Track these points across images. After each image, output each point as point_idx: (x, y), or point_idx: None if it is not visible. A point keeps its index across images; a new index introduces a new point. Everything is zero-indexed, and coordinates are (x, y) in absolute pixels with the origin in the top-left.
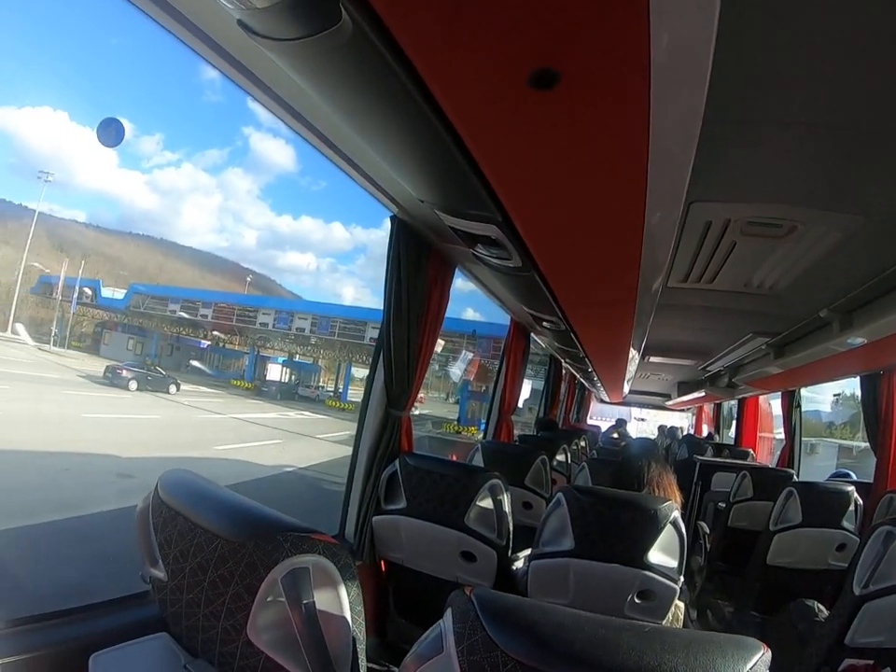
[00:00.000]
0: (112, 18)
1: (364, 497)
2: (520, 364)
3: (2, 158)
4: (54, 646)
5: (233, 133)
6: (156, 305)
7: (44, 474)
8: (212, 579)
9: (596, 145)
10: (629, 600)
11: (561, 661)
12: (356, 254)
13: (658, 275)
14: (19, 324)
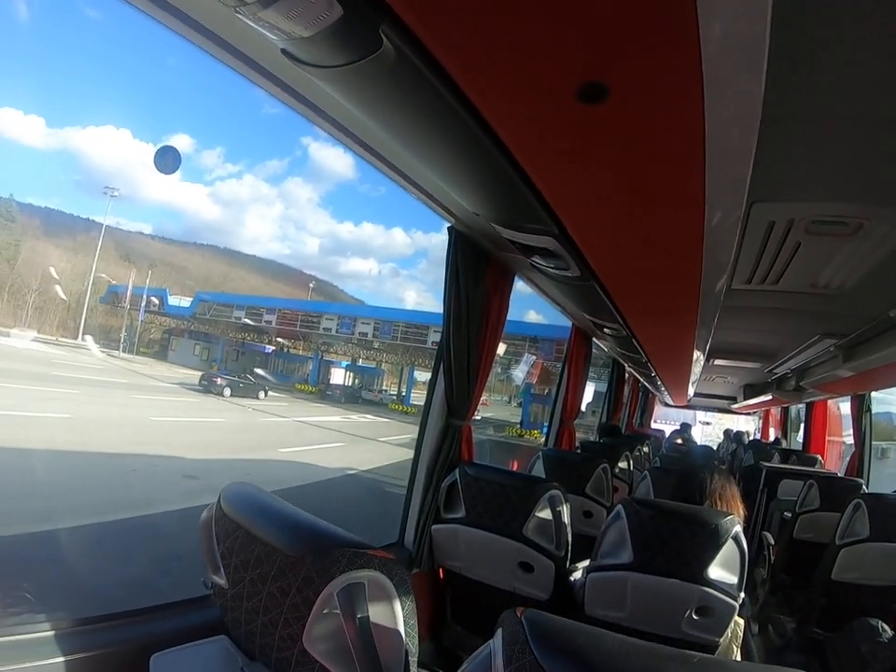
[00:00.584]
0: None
1: (424, 505)
2: (581, 370)
3: (70, 175)
4: (117, 645)
5: (292, 143)
6: (221, 312)
7: (113, 474)
8: (270, 590)
9: (651, 153)
10: (687, 616)
11: None
12: (417, 258)
13: (721, 278)
14: (88, 335)
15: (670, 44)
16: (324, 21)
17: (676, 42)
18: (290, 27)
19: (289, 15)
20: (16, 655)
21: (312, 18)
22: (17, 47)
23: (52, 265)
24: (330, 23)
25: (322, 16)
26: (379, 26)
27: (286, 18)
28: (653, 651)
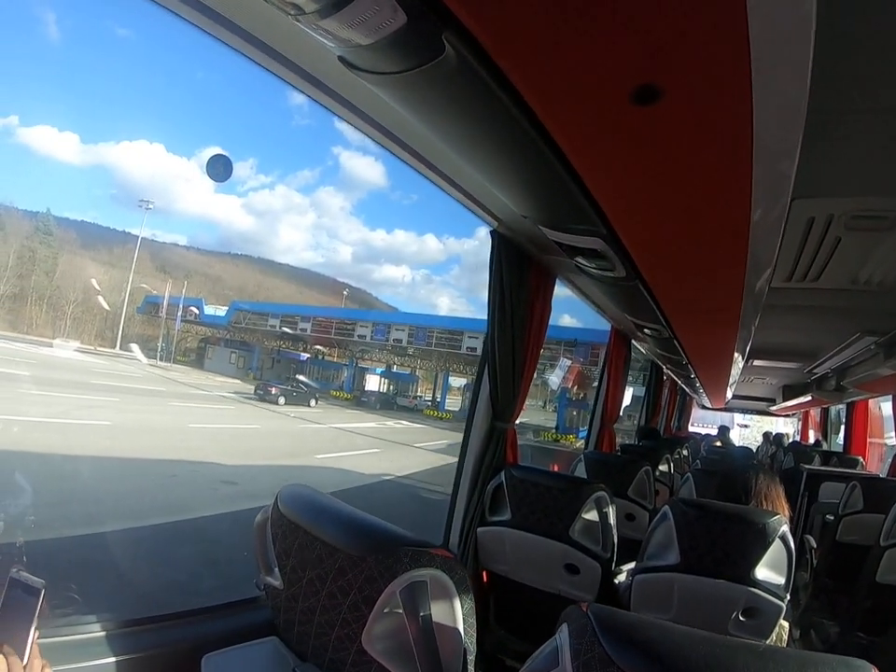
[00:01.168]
0: (199, 52)
1: (469, 508)
2: (621, 372)
3: (105, 190)
4: (168, 646)
5: (324, 153)
6: (256, 321)
7: (152, 480)
8: (330, 590)
9: (700, 152)
10: (734, 618)
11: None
12: (450, 264)
13: (763, 276)
14: (133, 344)
15: (720, 44)
16: (387, 27)
17: (725, 42)
18: (351, 35)
19: (352, 23)
20: (70, 655)
21: (375, 25)
22: (50, 66)
23: (90, 277)
24: (394, 30)
25: (386, 23)
26: (442, 33)
27: (348, 26)
28: (721, 641)
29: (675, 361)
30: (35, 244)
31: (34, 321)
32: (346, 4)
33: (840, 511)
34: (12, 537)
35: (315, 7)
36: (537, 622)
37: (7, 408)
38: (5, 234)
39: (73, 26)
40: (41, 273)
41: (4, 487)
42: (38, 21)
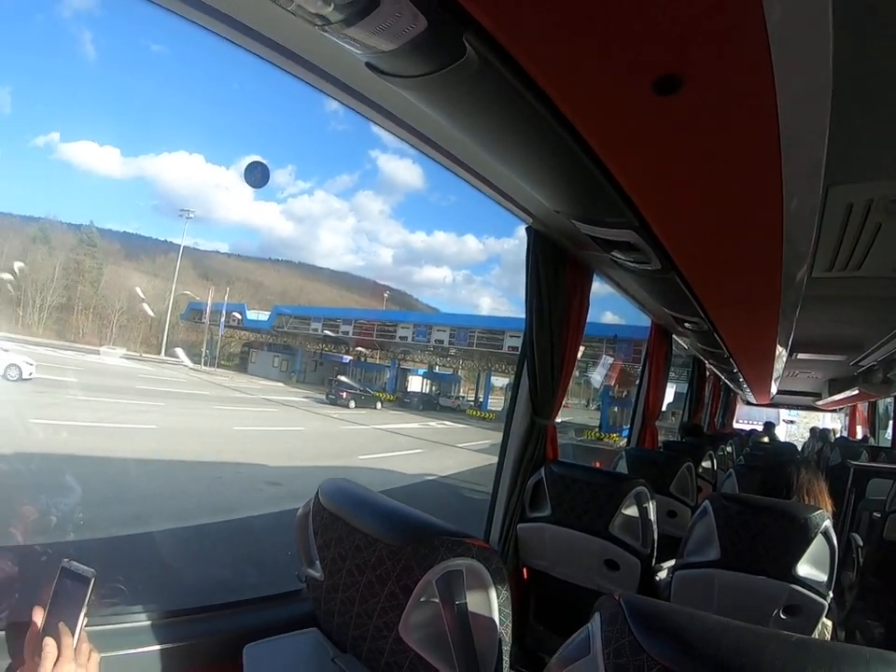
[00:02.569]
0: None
1: (509, 504)
2: (662, 367)
3: (147, 201)
4: (210, 636)
5: (361, 157)
6: (298, 325)
7: (198, 481)
8: (368, 579)
9: (726, 141)
10: (775, 615)
11: (705, 667)
12: (490, 264)
13: (801, 266)
14: (178, 349)
15: (737, 29)
16: (409, 33)
17: (742, 27)
18: (376, 41)
19: (375, 30)
20: (116, 642)
21: (397, 31)
22: (88, 83)
23: (134, 286)
24: (415, 35)
25: (407, 29)
26: (463, 35)
27: (371, 33)
28: (752, 630)
29: (717, 356)
30: (79, 255)
31: (80, 330)
32: (369, 12)
33: (887, 507)
34: (64, 535)
35: (339, 17)
36: (576, 618)
37: (56, 413)
38: (50, 247)
39: (108, 44)
40: (86, 283)
41: (55, 489)
42: (75, 40)
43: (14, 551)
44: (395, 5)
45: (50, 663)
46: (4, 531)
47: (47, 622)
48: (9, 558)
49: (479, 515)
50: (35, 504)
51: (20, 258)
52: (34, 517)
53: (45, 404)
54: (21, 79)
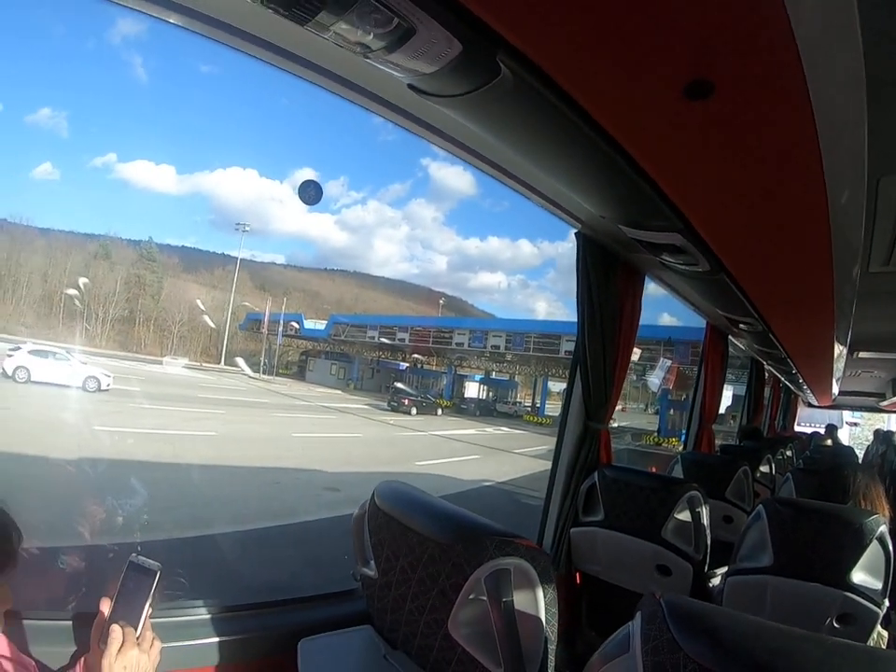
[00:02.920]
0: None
1: (563, 508)
2: (719, 370)
3: (203, 216)
4: (267, 630)
5: (412, 165)
6: (355, 333)
7: (257, 487)
8: (420, 577)
9: (762, 140)
10: (827, 624)
11: (740, 667)
12: (545, 268)
13: (855, 261)
14: (239, 357)
15: (764, 32)
16: (446, 56)
17: (769, 29)
18: (416, 66)
19: (414, 55)
20: (178, 634)
21: (434, 55)
22: (142, 105)
23: (194, 298)
24: (452, 58)
25: (444, 53)
26: (496, 55)
27: (411, 58)
28: (789, 632)
29: (774, 356)
30: (140, 270)
31: (142, 341)
32: (407, 39)
33: None
34: (129, 536)
35: (380, 45)
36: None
37: (120, 420)
38: (111, 263)
39: (160, 67)
40: (147, 296)
41: (122, 492)
42: (127, 64)
43: (83, 549)
44: (429, 32)
45: (116, 648)
46: (75, 530)
47: (113, 611)
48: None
49: (534, 520)
50: (103, 505)
51: (83, 273)
52: (102, 518)
53: (111, 412)
54: (78, 105)
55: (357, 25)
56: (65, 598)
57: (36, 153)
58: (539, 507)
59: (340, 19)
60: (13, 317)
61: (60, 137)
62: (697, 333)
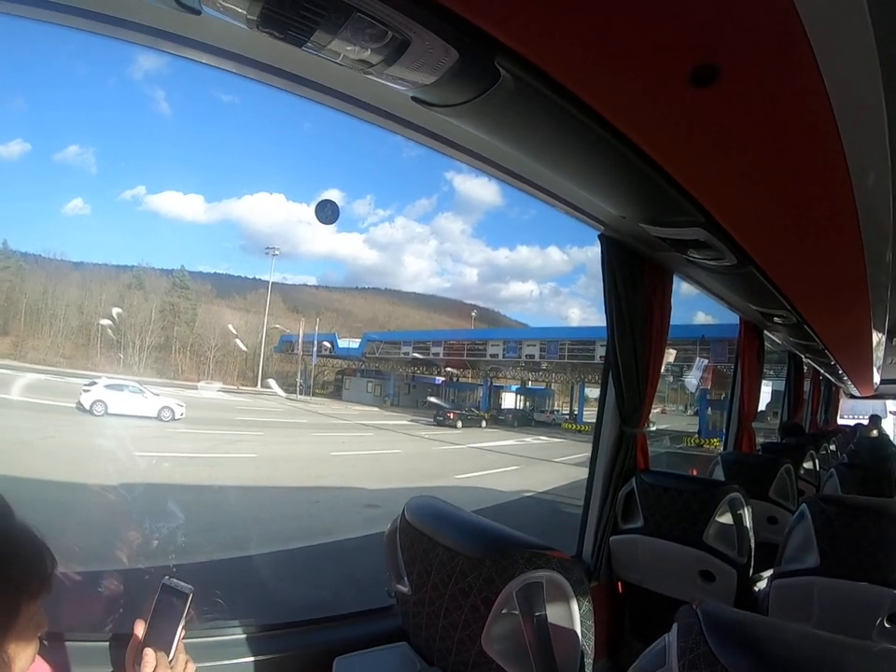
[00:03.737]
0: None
1: (601, 516)
2: (756, 365)
3: (234, 241)
4: (302, 648)
5: (437, 180)
6: (389, 349)
7: (297, 506)
8: (452, 592)
9: (776, 123)
10: (878, 624)
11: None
12: (576, 274)
13: (886, 243)
14: (270, 379)
15: (770, 13)
16: (444, 65)
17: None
18: (416, 77)
19: (413, 67)
20: (213, 654)
21: (433, 65)
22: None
23: (228, 323)
24: (450, 66)
25: (441, 61)
26: (494, 59)
27: (410, 70)
28: (832, 641)
29: (811, 349)
30: (173, 298)
31: (179, 367)
32: (403, 51)
33: None
34: (168, 559)
35: (379, 59)
36: None
37: (161, 445)
38: (145, 292)
39: (180, 100)
40: (182, 323)
41: (161, 517)
42: (149, 98)
43: (121, 572)
44: (424, 42)
45: (149, 670)
46: (116, 554)
47: (147, 634)
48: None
49: (575, 530)
50: (144, 528)
51: (117, 304)
52: (144, 540)
53: (165, 436)
54: (104, 140)
55: (353, 42)
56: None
57: (67, 190)
58: (578, 515)
59: (335, 37)
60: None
61: (89, 173)
62: (732, 330)
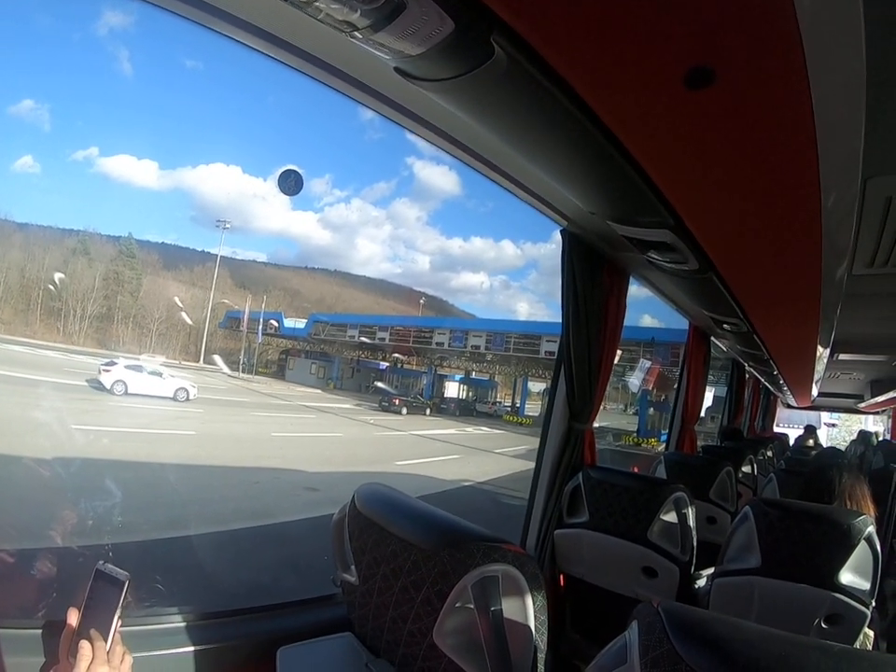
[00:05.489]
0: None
1: (546, 510)
2: (702, 370)
3: (185, 212)
4: (244, 638)
5: (398, 164)
6: (335, 332)
7: (237, 487)
8: (403, 584)
9: (760, 136)
10: (815, 625)
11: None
12: (527, 269)
13: (841, 262)
14: (216, 355)
15: (768, 21)
16: (436, 36)
17: (773, 18)
18: (404, 46)
19: (402, 34)
20: (152, 643)
21: (424, 35)
22: (126, 98)
23: (173, 296)
24: (443, 38)
25: (435, 32)
26: (490, 35)
27: (399, 38)
28: (793, 640)
29: (756, 358)
30: (118, 266)
31: (121, 339)
32: (395, 16)
33: None
34: (103, 538)
35: (366, 23)
36: (613, 626)
37: (96, 420)
38: (90, 259)
39: (144, 61)
40: (126, 293)
41: (97, 494)
42: (112, 58)
43: (50, 552)
44: (421, 8)
45: (85, 664)
46: (49, 534)
47: (82, 623)
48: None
49: (515, 521)
50: (79, 507)
51: (60, 269)
52: (77, 520)
53: (102, 410)
54: (60, 98)
55: (344, 1)
56: None
57: (17, 147)
58: (519, 507)
59: None
60: None
61: (41, 130)
62: (677, 335)
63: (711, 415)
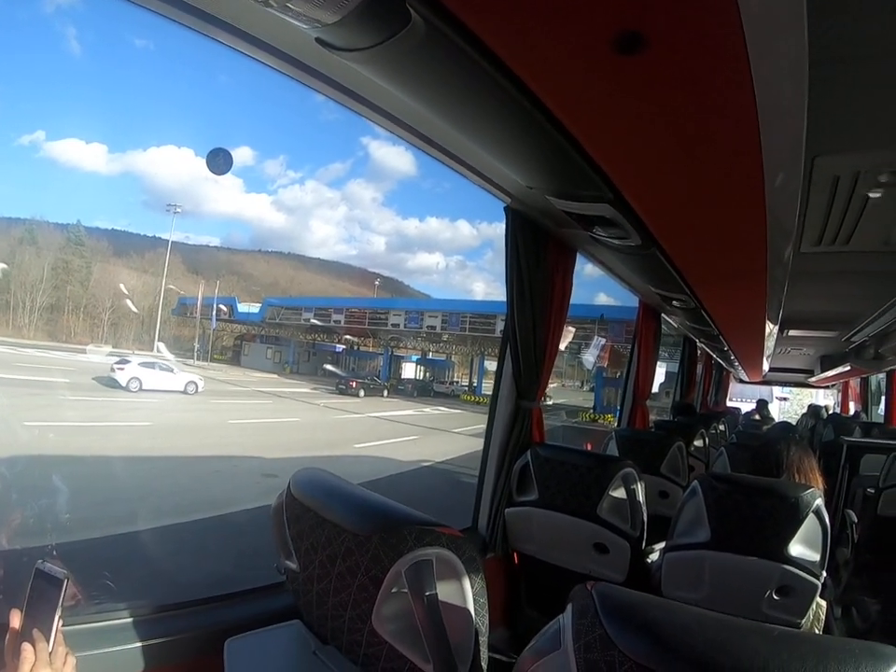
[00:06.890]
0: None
1: (496, 489)
2: (652, 347)
3: (136, 196)
4: (191, 631)
5: (353, 144)
6: (290, 315)
7: (195, 477)
8: (339, 570)
9: (698, 107)
10: (767, 596)
11: (680, 664)
12: (483, 249)
13: (788, 240)
14: (161, 343)
15: None
16: (350, 2)
17: None
18: (319, 14)
19: (316, 2)
20: (97, 641)
21: (338, 1)
22: (73, 80)
23: (123, 283)
24: (357, 4)
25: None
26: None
27: (313, 5)
28: (730, 623)
29: (706, 334)
30: (67, 255)
31: (72, 330)
32: None
33: (881, 483)
34: (61, 536)
35: None
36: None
37: (44, 414)
38: (38, 248)
39: (92, 41)
40: (76, 282)
41: (48, 491)
42: (60, 37)
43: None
44: None
45: (27, 667)
46: None
47: (24, 624)
48: None
49: (472, 500)
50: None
51: (6, 260)
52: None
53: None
54: (5, 79)
55: None
56: None
57: None
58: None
59: None
60: None
61: None
62: (629, 312)
63: (666, 391)
